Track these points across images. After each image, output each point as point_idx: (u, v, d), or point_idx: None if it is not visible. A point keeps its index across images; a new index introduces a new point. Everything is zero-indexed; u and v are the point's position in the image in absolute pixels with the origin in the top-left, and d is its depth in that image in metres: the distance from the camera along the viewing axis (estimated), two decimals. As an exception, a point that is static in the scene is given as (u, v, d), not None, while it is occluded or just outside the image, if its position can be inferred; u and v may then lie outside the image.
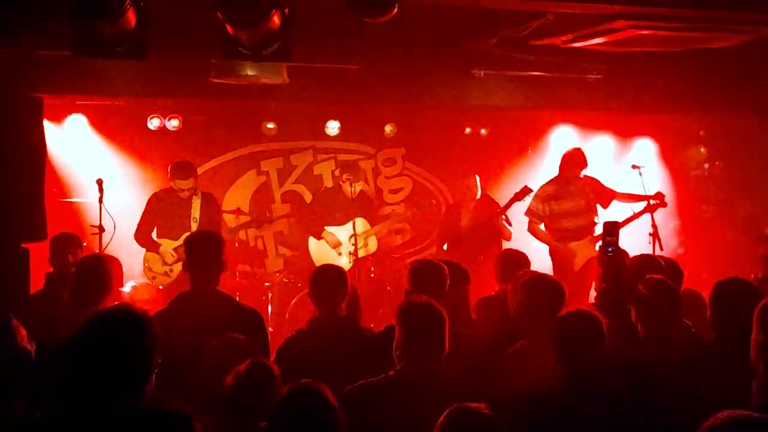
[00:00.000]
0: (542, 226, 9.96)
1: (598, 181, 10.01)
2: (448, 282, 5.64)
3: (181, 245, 8.92)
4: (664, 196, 9.77)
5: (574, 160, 9.84)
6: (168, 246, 9.30)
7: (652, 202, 9.60)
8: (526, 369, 4.85)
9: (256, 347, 4.77)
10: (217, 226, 9.46)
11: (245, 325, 5.34)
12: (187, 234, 6.47)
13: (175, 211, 9.46)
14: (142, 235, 9.51)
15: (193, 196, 9.50)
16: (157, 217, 9.56)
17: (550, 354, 4.63)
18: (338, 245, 10.18)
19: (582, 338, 4.51)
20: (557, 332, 4.58)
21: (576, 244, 9.67)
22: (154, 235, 9.51)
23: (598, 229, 9.36)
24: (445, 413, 3.68)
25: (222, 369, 4.37)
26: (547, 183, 10.06)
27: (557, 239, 9.82)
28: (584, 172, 9.87)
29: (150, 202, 9.72)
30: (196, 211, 9.44)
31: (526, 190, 9.77)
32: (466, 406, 3.68)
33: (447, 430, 3.63)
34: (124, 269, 9.25)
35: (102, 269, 5.87)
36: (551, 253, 9.88)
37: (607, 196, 9.91)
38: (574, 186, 9.85)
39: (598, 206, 9.94)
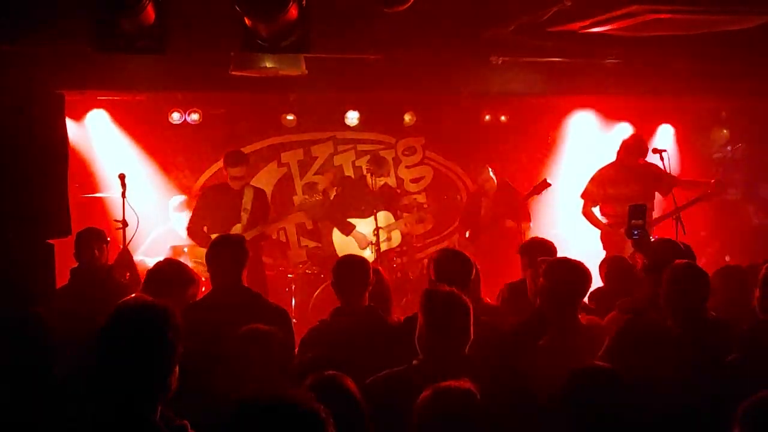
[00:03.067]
0: (596, 210, 9.94)
1: (659, 168, 9.83)
2: (474, 272, 5.63)
3: None
4: (724, 184, 9.69)
5: (633, 147, 9.81)
6: None
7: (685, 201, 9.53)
8: (548, 363, 4.88)
9: (280, 338, 4.78)
10: (265, 221, 9.59)
11: (270, 322, 5.37)
12: (214, 240, 6.39)
13: (226, 204, 9.48)
14: (194, 231, 9.50)
15: (245, 189, 9.56)
16: (208, 212, 9.56)
17: (572, 346, 4.66)
18: (367, 245, 10.17)
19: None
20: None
21: None
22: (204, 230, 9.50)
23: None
24: (427, 391, 3.71)
25: (245, 360, 4.43)
26: (605, 166, 10.03)
27: (610, 224, 9.76)
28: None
29: (202, 197, 9.83)
30: (247, 203, 9.49)
31: (544, 184, 9.75)
32: (449, 385, 3.71)
33: (429, 408, 3.66)
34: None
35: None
36: (602, 238, 9.84)
37: (667, 183, 9.75)
38: (632, 171, 9.79)
39: (658, 194, 9.88)
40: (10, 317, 4.50)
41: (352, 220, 10.34)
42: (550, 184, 9.78)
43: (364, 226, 10.24)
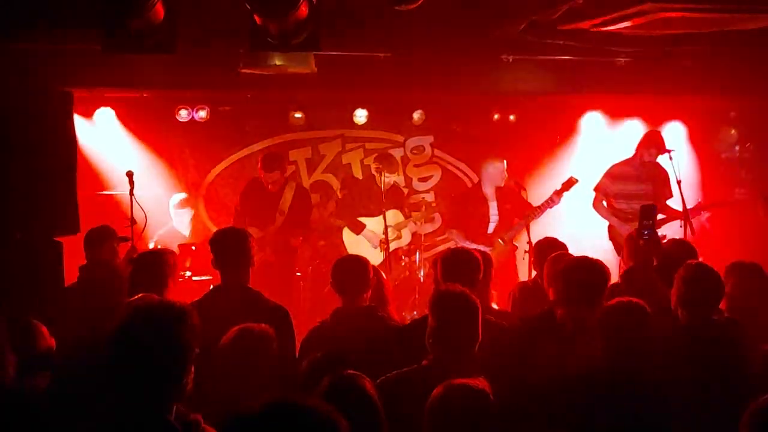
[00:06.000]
0: (605, 203, 9.93)
1: (668, 177, 9.84)
2: (482, 271, 5.60)
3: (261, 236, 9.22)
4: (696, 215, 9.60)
5: (651, 142, 9.79)
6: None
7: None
8: (567, 357, 4.85)
9: (274, 338, 4.67)
10: (306, 222, 9.74)
11: (270, 321, 5.33)
12: (218, 231, 6.35)
13: (263, 204, 9.60)
14: (241, 224, 9.34)
15: (286, 188, 9.68)
16: (247, 210, 9.67)
17: (591, 341, 4.64)
18: (378, 245, 10.12)
19: (626, 330, 4.51)
20: (603, 323, 4.59)
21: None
22: None
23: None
24: (440, 388, 3.72)
25: (236, 360, 4.37)
26: (620, 162, 10.03)
27: (619, 219, 9.78)
28: (659, 159, 9.81)
29: (245, 191, 9.92)
30: (285, 205, 9.60)
31: (571, 181, 9.68)
32: (461, 383, 3.72)
33: (441, 405, 3.67)
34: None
35: (159, 263, 5.83)
36: (609, 231, 9.85)
37: (663, 195, 9.83)
38: (646, 170, 9.80)
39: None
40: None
41: (363, 219, 10.31)
42: (577, 180, 9.73)
43: (374, 224, 10.21)
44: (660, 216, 9.55)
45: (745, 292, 6.01)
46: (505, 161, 10.18)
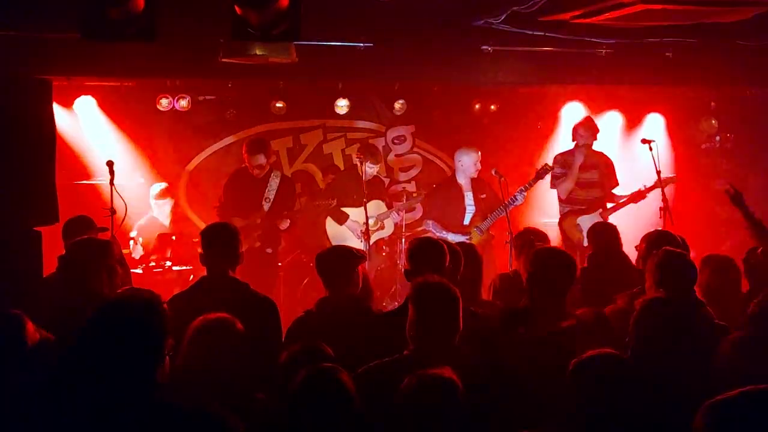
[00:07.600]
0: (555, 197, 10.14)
1: (612, 166, 10.02)
2: (447, 259, 5.55)
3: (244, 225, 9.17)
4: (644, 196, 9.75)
5: (584, 128, 9.97)
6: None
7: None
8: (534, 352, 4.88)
9: (236, 327, 4.48)
10: (291, 208, 9.83)
11: (257, 313, 5.31)
12: (209, 225, 6.29)
13: (249, 192, 9.63)
14: (225, 215, 9.43)
15: (272, 176, 9.73)
16: (233, 198, 9.70)
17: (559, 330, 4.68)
18: (360, 235, 10.10)
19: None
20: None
21: (585, 219, 9.69)
22: None
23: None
24: (409, 379, 3.76)
25: (201, 351, 4.28)
26: (561, 153, 10.26)
27: (570, 210, 9.94)
28: (597, 147, 9.96)
29: (230, 181, 9.93)
30: (270, 193, 9.64)
31: (546, 168, 9.74)
32: (430, 373, 3.75)
33: (409, 395, 3.71)
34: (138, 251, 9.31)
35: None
36: (561, 222, 9.97)
37: (609, 183, 9.98)
38: (589, 159, 9.92)
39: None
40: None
41: (346, 209, 10.28)
42: (552, 167, 9.80)
43: (357, 215, 10.18)
44: (609, 204, 9.80)
45: (719, 284, 6.11)
46: (479, 152, 10.20)
